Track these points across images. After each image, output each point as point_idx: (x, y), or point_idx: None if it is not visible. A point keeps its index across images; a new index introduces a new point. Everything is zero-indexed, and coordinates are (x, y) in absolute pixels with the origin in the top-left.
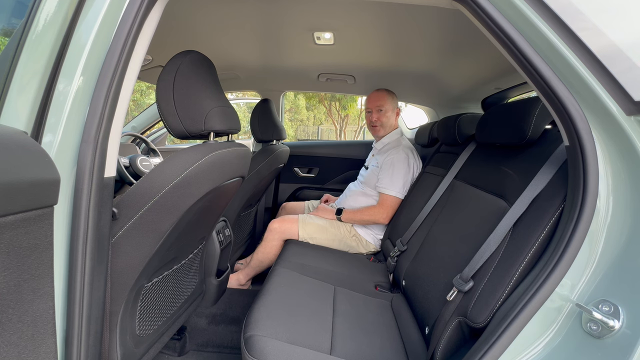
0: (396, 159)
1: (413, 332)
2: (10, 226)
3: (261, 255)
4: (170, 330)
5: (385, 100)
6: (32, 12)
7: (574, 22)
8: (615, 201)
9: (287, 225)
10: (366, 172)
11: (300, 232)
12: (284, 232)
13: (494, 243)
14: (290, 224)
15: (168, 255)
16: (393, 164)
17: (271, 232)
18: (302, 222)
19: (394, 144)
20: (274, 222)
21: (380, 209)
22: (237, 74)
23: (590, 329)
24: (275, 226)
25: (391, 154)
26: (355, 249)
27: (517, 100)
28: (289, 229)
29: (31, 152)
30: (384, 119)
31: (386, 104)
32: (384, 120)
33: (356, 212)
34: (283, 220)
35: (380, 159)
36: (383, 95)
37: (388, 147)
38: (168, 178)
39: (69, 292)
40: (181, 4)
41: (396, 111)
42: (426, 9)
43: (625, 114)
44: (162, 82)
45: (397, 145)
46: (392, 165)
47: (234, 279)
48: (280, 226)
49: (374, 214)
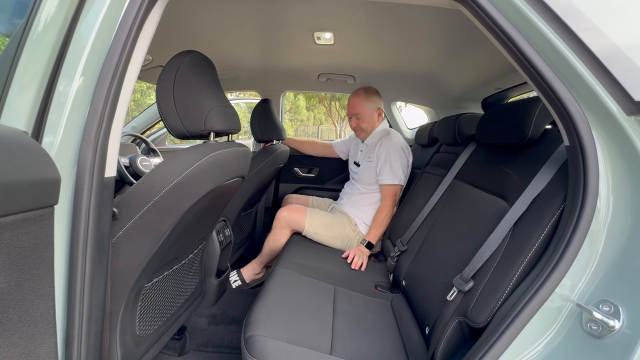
0: (390, 149)
1: (413, 332)
2: (11, 226)
3: (272, 243)
4: (170, 330)
5: (362, 106)
6: (32, 12)
7: (574, 22)
8: (615, 201)
9: (294, 216)
10: (358, 168)
11: (307, 226)
12: (291, 222)
13: (494, 243)
14: (298, 215)
15: (168, 255)
16: (388, 154)
17: (279, 220)
18: (310, 216)
19: (381, 137)
20: (282, 211)
21: (387, 202)
22: (237, 74)
23: (590, 329)
24: (284, 214)
25: (382, 145)
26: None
27: (517, 100)
28: (296, 220)
29: (32, 152)
30: (363, 124)
31: (362, 110)
32: (363, 125)
33: (374, 225)
34: (291, 209)
35: (372, 153)
36: (359, 102)
37: (376, 142)
38: (168, 178)
39: (69, 292)
40: (181, 4)
41: (378, 111)
42: (426, 9)
43: (625, 114)
44: (162, 82)
45: (384, 136)
46: (387, 156)
47: (249, 269)
48: (288, 215)
49: (386, 211)
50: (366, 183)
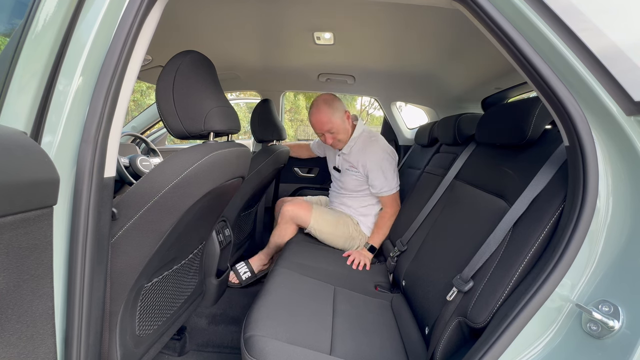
0: (377, 159)
1: (413, 332)
2: (10, 226)
3: (277, 238)
4: (170, 330)
5: (329, 120)
6: (31, 11)
7: (573, 22)
8: (615, 201)
9: (299, 212)
10: (340, 174)
11: (312, 222)
12: (296, 217)
13: (494, 243)
14: (303, 211)
15: (168, 255)
16: (379, 165)
17: (283, 216)
18: (315, 213)
19: (363, 141)
20: (287, 205)
21: (389, 210)
22: (237, 74)
23: (590, 329)
24: (289, 209)
25: (367, 154)
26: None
27: (517, 100)
28: (301, 216)
29: (31, 152)
30: (338, 136)
31: (332, 124)
32: (339, 137)
33: (377, 230)
34: (296, 204)
35: (355, 160)
36: (325, 116)
37: (359, 147)
38: (168, 178)
39: (68, 293)
40: (181, 4)
41: (346, 115)
42: (426, 9)
43: (625, 114)
44: (162, 82)
45: (367, 140)
46: (378, 167)
47: (256, 260)
48: (293, 210)
49: (389, 217)
50: (351, 190)
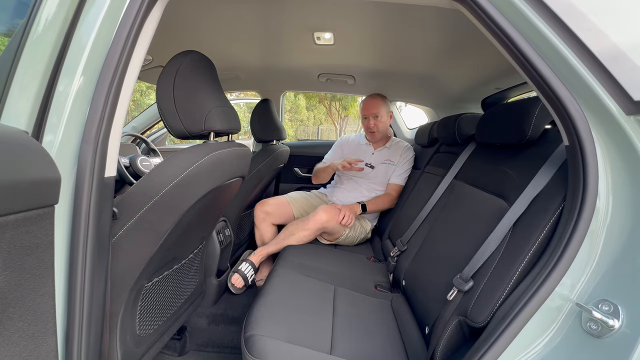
0: (411, 157)
1: (413, 332)
2: (11, 225)
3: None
4: (170, 330)
5: (381, 107)
6: (33, 12)
7: (573, 22)
8: (615, 201)
9: (275, 211)
10: (373, 171)
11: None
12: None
13: (494, 243)
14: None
15: (168, 255)
16: (410, 162)
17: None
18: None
19: (399, 142)
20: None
21: (394, 194)
22: (238, 74)
23: (590, 329)
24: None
25: (406, 151)
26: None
27: (517, 100)
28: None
29: (32, 151)
30: (380, 124)
31: (381, 111)
32: (380, 125)
33: (375, 202)
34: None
35: (393, 155)
36: (378, 102)
37: (398, 146)
38: (168, 178)
39: (69, 292)
40: (181, 4)
41: (389, 115)
42: (426, 9)
43: (625, 114)
44: (162, 82)
45: (402, 142)
46: (409, 163)
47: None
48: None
49: (392, 199)
50: (379, 184)
